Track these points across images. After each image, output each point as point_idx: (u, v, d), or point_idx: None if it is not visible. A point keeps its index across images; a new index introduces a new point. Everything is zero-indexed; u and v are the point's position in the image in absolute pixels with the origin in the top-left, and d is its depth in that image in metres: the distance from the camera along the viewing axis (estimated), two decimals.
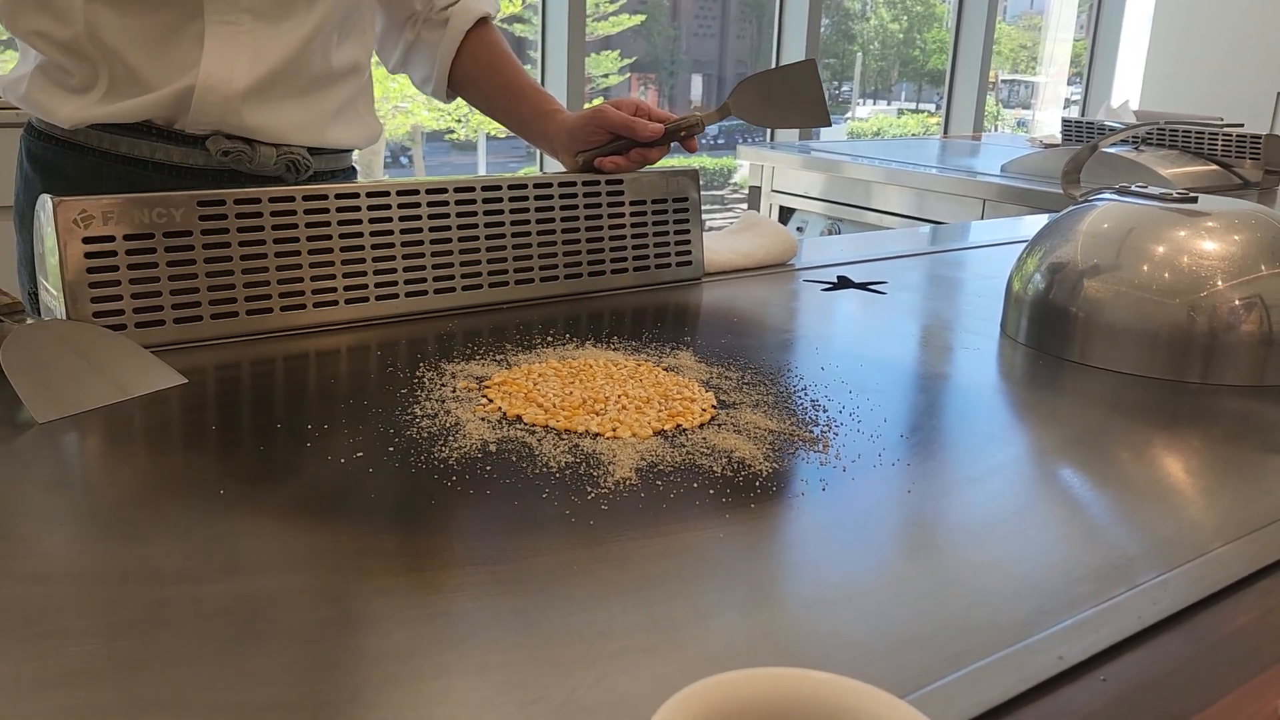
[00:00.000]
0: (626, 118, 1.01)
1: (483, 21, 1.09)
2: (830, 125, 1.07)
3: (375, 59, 1.11)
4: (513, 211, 0.98)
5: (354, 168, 1.11)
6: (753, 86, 1.05)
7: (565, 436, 0.66)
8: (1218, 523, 0.59)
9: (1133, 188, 0.95)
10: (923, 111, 7.34)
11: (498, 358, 0.82)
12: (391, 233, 0.91)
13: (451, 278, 0.95)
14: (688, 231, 1.10)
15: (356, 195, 0.89)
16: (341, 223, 0.88)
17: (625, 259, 1.06)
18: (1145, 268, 0.86)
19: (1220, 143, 2.17)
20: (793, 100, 1.05)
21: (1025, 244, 0.98)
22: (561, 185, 1.01)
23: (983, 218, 2.14)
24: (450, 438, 0.65)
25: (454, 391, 0.74)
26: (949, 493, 0.62)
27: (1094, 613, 0.48)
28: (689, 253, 1.10)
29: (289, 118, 0.95)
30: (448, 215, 0.94)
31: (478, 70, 1.10)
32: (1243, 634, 0.48)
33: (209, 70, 0.89)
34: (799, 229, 2.55)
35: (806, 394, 0.76)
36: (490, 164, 5.59)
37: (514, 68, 1.10)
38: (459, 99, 1.14)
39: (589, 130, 1.02)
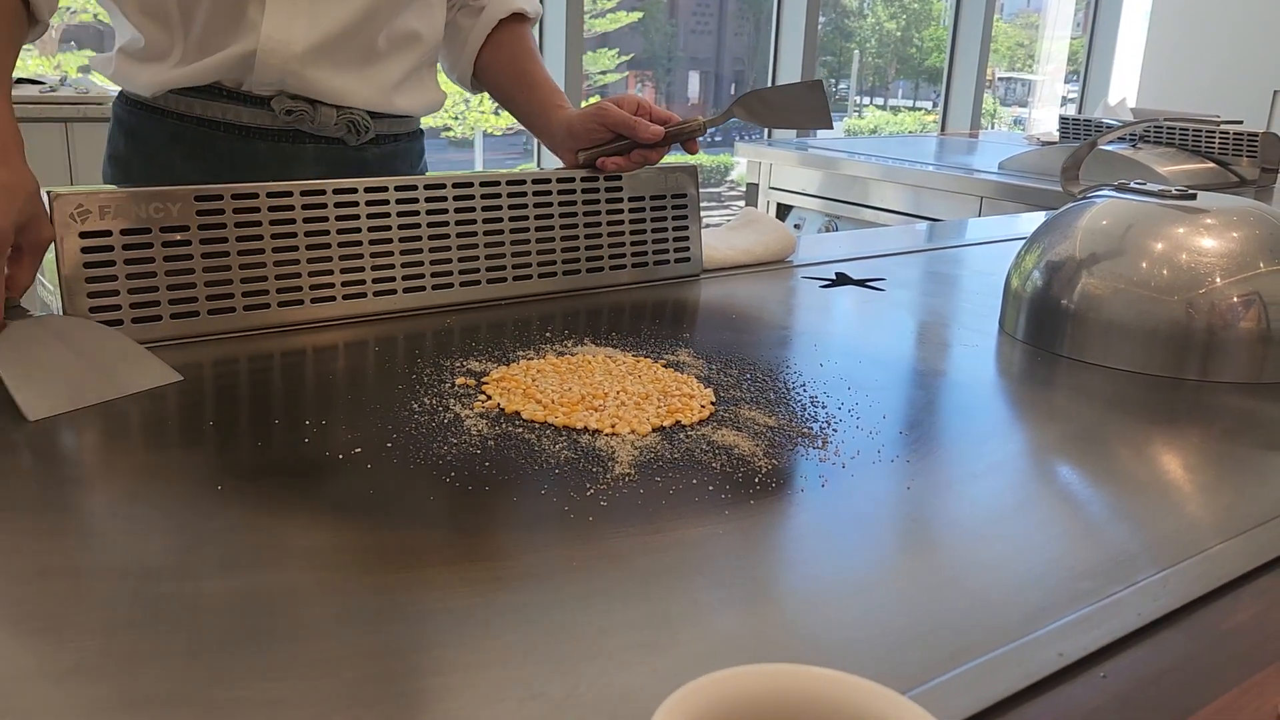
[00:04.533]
0: (628, 117, 1.01)
1: (518, 18, 1.11)
2: (832, 128, 1.07)
3: None
4: (511, 208, 0.98)
5: (420, 131, 1.13)
6: (758, 97, 1.05)
7: (564, 433, 0.66)
8: (1217, 519, 0.59)
9: (1131, 184, 0.95)
10: (920, 109, 7.34)
11: (496, 354, 0.81)
12: (390, 228, 0.91)
13: (450, 274, 0.94)
14: (686, 228, 1.10)
15: (354, 191, 0.89)
16: (339, 218, 0.88)
17: (624, 255, 1.05)
18: (1144, 264, 0.85)
19: (1217, 140, 2.17)
20: (797, 108, 1.05)
21: (1023, 241, 0.98)
22: (560, 182, 1.01)
23: (980, 215, 2.14)
24: (448, 434, 0.65)
25: (452, 387, 0.73)
26: (948, 489, 0.62)
27: (1094, 609, 0.48)
28: (687, 249, 1.10)
29: (347, 81, 0.99)
30: (446, 211, 0.94)
31: (496, 59, 1.12)
32: (1242, 630, 0.48)
33: (269, 33, 0.94)
34: (796, 226, 2.55)
35: (805, 390, 0.76)
36: (487, 161, 5.58)
37: (534, 62, 1.12)
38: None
39: (590, 127, 1.02)
